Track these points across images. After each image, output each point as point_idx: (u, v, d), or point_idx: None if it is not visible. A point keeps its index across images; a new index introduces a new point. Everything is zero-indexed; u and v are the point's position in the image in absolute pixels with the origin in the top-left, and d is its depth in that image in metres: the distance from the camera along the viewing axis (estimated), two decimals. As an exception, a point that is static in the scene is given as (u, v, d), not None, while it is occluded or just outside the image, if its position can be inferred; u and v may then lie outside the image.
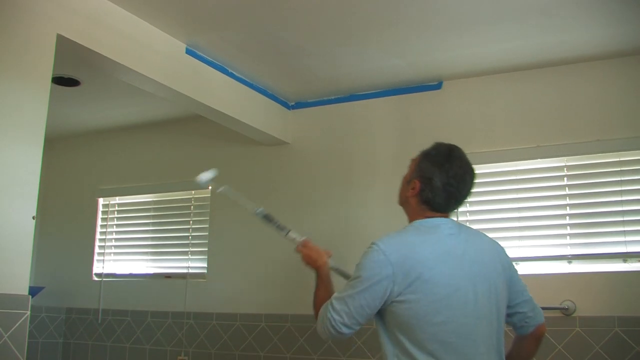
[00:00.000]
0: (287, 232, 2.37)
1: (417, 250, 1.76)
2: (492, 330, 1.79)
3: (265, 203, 3.82)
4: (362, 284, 1.75)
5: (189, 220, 4.16)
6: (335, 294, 1.85)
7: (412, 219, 1.93)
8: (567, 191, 3.11)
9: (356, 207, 3.57)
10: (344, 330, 1.79)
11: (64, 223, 4.57)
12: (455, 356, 1.70)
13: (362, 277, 1.76)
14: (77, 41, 2.45)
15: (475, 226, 3.21)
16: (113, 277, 4.33)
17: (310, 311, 3.72)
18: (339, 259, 3.52)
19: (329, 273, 2.11)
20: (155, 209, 4.33)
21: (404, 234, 1.86)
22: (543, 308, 2.02)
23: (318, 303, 1.97)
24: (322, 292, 2.01)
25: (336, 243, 3.56)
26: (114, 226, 4.46)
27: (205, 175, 2.62)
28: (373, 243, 1.80)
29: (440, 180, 1.83)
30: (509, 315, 1.91)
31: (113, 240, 4.43)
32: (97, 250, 4.44)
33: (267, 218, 2.46)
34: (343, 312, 1.78)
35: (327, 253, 2.20)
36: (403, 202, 1.98)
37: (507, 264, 1.92)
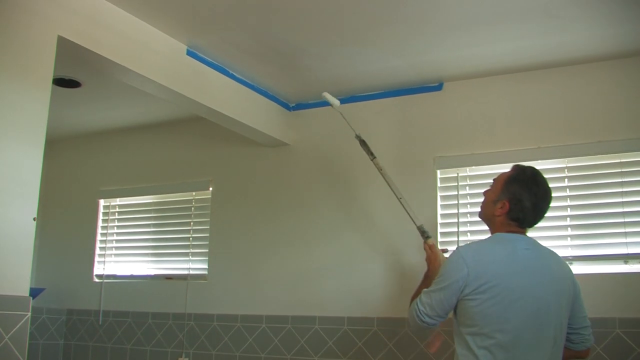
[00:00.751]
0: (374, 158, 2.90)
1: (492, 258, 2.02)
2: (549, 342, 1.99)
3: (265, 204, 3.88)
4: (443, 282, 2.05)
5: (190, 222, 4.16)
6: (424, 289, 2.15)
7: (494, 232, 2.15)
8: (568, 192, 3.11)
9: (356, 207, 3.57)
10: (427, 319, 2.08)
11: (64, 224, 4.57)
12: (507, 355, 1.92)
13: (443, 276, 2.06)
14: (78, 42, 2.46)
15: (476, 228, 3.21)
16: (114, 279, 4.33)
17: (310, 312, 3.74)
18: (340, 259, 3.55)
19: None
20: (156, 210, 4.33)
21: (484, 243, 2.13)
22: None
23: (414, 296, 2.29)
24: (421, 289, 2.26)
25: (336, 243, 3.56)
26: (115, 227, 4.46)
27: (332, 99, 2.97)
28: (457, 248, 2.11)
29: (529, 201, 2.07)
30: (569, 334, 2.13)
31: (114, 242, 4.43)
32: (97, 251, 4.44)
33: (364, 144, 2.92)
34: (427, 304, 2.08)
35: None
36: (487, 218, 2.20)
37: (573, 286, 2.12)
